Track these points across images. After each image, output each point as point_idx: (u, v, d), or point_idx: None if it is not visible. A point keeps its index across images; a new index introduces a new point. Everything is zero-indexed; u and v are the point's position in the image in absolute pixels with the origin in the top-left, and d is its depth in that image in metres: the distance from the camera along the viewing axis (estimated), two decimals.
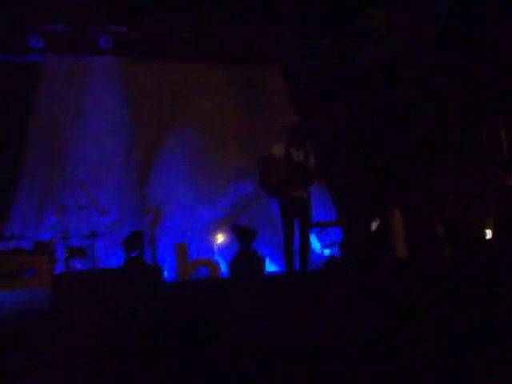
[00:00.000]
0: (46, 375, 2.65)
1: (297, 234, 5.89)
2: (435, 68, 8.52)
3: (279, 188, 5.72)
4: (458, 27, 8.10)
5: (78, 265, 7.62)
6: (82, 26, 8.59)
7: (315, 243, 8.53)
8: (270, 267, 8.60)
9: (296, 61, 9.76)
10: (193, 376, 2.77)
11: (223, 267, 8.33)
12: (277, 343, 3.65)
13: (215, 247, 8.94)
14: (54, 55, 8.81)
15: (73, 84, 8.84)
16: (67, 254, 7.42)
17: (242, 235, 8.29)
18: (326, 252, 8.30)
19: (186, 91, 9.26)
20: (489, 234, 7.95)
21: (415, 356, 2.97)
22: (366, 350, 3.29)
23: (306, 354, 3.59)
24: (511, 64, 7.65)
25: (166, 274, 7.93)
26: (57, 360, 2.99)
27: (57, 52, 8.80)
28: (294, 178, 5.72)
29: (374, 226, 7.77)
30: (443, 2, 7.99)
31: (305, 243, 5.83)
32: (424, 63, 8.65)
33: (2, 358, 3.02)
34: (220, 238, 9.01)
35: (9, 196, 8.20)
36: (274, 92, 9.63)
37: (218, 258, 8.64)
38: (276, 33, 9.17)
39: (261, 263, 7.94)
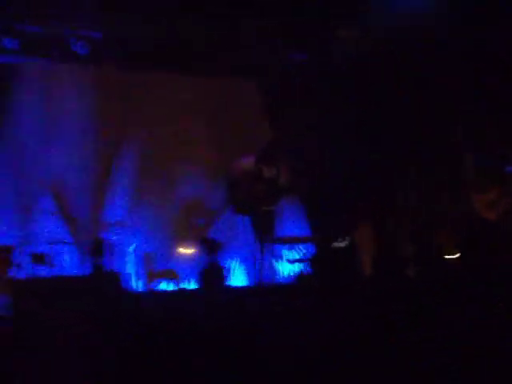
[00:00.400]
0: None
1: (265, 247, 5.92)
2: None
3: (247, 203, 5.75)
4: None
5: (41, 271, 7.48)
6: (58, 28, 8.51)
7: (284, 258, 8.53)
8: (236, 279, 8.58)
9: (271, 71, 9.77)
10: None
11: (189, 278, 8.27)
12: (243, 354, 3.64)
13: (181, 258, 8.88)
14: (27, 58, 8.69)
15: (45, 89, 8.74)
16: (31, 260, 7.27)
17: (208, 247, 8.29)
18: (295, 267, 8.29)
19: (156, 103, 9.20)
20: (454, 255, 8.04)
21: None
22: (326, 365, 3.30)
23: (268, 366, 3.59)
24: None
25: (130, 283, 7.87)
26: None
27: (31, 54, 8.68)
28: (263, 193, 5.75)
29: (342, 242, 7.82)
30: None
31: (269, 257, 5.87)
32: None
33: None
34: (187, 249, 8.96)
35: None
36: (248, 106, 9.64)
37: (183, 269, 8.58)
38: (249, 44, 9.18)
39: (227, 275, 7.94)
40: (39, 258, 7.52)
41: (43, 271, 7.57)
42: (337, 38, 9.05)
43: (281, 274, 7.90)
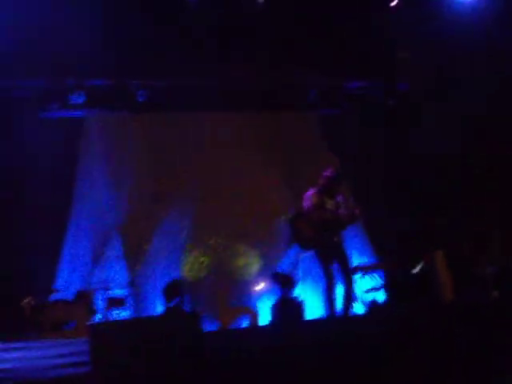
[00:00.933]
0: None
1: (338, 278, 5.89)
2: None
3: (314, 239, 5.82)
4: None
5: (117, 315, 7.61)
6: (120, 79, 8.83)
7: (357, 288, 8.35)
8: (311, 314, 8.44)
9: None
10: None
11: (263, 315, 8.20)
12: None
13: (255, 294, 8.85)
14: (92, 110, 9.05)
15: (109, 139, 9.05)
16: (107, 305, 7.41)
17: (282, 282, 8.21)
18: (369, 297, 8.09)
19: (216, 144, 9.30)
20: None
21: None
22: None
23: None
24: None
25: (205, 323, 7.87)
26: None
27: (95, 106, 9.04)
28: (329, 225, 5.81)
29: (417, 268, 7.58)
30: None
31: (349, 287, 5.82)
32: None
33: None
34: (260, 285, 8.92)
35: (56, 251, 8.32)
36: (309, 138, 9.66)
37: (257, 305, 8.53)
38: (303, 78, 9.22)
39: (301, 309, 7.82)
40: (116, 303, 7.66)
41: (119, 315, 7.71)
42: (400, 62, 8.99)
43: (356, 303, 7.73)
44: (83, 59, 7.95)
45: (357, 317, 6.31)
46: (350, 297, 5.87)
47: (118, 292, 7.81)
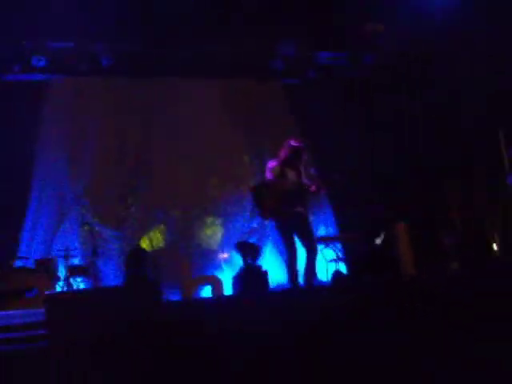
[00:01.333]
0: None
1: (301, 249, 5.92)
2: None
3: (277, 209, 5.82)
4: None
5: (79, 284, 7.54)
6: (85, 43, 8.58)
7: (320, 258, 8.43)
8: (275, 283, 8.52)
9: (297, 74, 9.71)
10: None
11: (227, 284, 8.23)
12: (283, 358, 3.58)
13: (220, 263, 8.87)
14: (55, 75, 8.80)
15: (72, 104, 8.84)
16: (68, 273, 7.33)
17: (246, 251, 8.23)
18: (331, 267, 8.18)
19: (182, 107, 9.23)
20: (495, 247, 7.84)
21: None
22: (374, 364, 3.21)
23: (312, 368, 3.52)
24: None
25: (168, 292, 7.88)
26: None
27: (59, 71, 8.79)
28: (290, 196, 5.82)
29: (379, 240, 7.68)
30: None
31: (311, 258, 5.86)
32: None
33: None
34: (224, 254, 8.95)
35: (19, 218, 8.18)
36: (274, 108, 9.64)
37: (221, 273, 8.56)
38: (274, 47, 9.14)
39: (265, 279, 7.87)
40: (78, 271, 7.58)
41: (82, 283, 7.65)
42: (368, 34, 8.95)
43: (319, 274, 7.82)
44: (44, 21, 7.67)
45: (318, 288, 6.37)
46: (312, 268, 5.90)
47: (79, 260, 7.71)
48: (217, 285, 8.06)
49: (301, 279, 5.97)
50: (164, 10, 7.79)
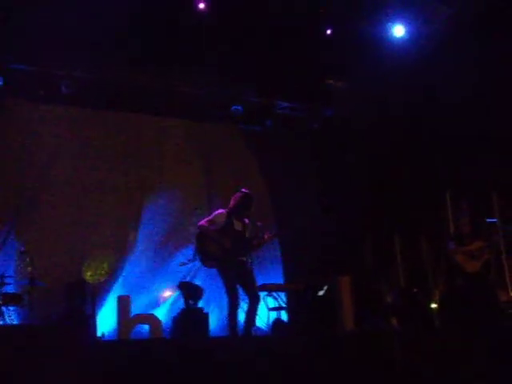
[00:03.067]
0: None
1: (244, 297, 5.92)
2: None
3: (217, 256, 5.86)
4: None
5: (11, 313, 7.23)
6: (46, 67, 8.49)
7: (261, 306, 8.39)
8: (215, 326, 8.41)
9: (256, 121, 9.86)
10: None
11: (166, 325, 8.07)
12: None
13: (160, 302, 8.71)
14: (12, 97, 8.65)
15: (29, 128, 8.68)
16: (2, 300, 7.02)
17: (187, 292, 8.12)
18: (272, 316, 8.15)
19: (142, 146, 9.26)
20: (434, 306, 7.99)
21: None
22: None
23: None
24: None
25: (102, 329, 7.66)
26: None
27: (16, 92, 8.64)
28: (234, 244, 5.87)
29: (322, 292, 7.73)
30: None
31: (253, 308, 5.86)
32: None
33: None
34: (166, 293, 8.80)
35: None
36: (226, 153, 9.75)
37: (160, 314, 8.39)
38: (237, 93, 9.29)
39: (205, 321, 7.77)
40: (12, 299, 7.28)
41: (15, 312, 7.36)
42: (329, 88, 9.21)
43: (259, 322, 7.77)
44: (5, 42, 7.59)
45: (257, 337, 6.33)
46: (253, 316, 5.89)
47: (14, 288, 7.42)
48: (155, 325, 7.89)
49: (240, 327, 5.94)
50: (131, 43, 7.83)
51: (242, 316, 5.95)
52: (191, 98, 9.24)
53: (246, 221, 6.17)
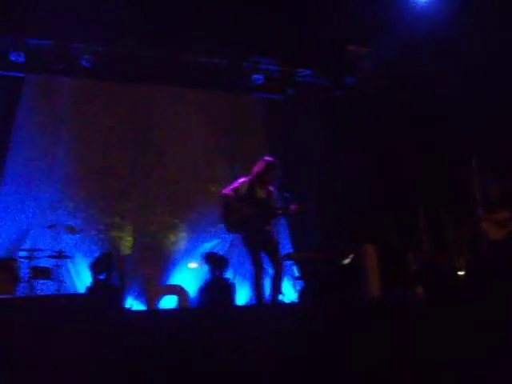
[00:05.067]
0: None
1: (268, 266, 5.92)
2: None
3: (241, 223, 5.84)
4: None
5: (43, 286, 7.38)
6: (65, 42, 8.50)
7: (287, 275, 8.42)
8: (242, 296, 8.48)
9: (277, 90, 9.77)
10: None
11: (193, 295, 8.16)
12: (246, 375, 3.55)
13: (187, 274, 8.80)
14: (33, 73, 8.70)
15: (53, 105, 8.74)
16: (30, 275, 7.17)
17: (213, 262, 8.19)
18: (299, 285, 8.18)
19: (158, 115, 9.27)
20: (461, 274, 7.93)
21: None
22: None
23: None
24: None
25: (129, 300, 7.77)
26: None
27: (37, 68, 8.68)
28: (256, 213, 5.84)
29: (348, 260, 7.71)
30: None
31: (278, 276, 5.86)
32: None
33: None
34: (193, 264, 8.88)
35: None
36: (246, 123, 9.71)
37: (188, 285, 8.48)
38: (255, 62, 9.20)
39: (231, 292, 7.84)
40: (41, 273, 7.43)
41: (45, 286, 7.50)
42: (351, 55, 9.05)
43: (285, 291, 7.81)
44: (27, 17, 7.58)
45: (283, 306, 6.35)
46: (278, 286, 5.90)
47: (44, 262, 7.56)
48: (182, 295, 7.99)
49: (266, 295, 5.95)
50: (148, 16, 7.77)
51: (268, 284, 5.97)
52: (212, 68, 9.18)
53: (271, 188, 6.11)
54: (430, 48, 8.17)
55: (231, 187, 6.07)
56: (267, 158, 6.18)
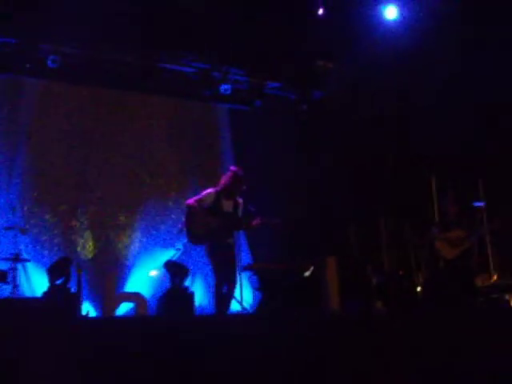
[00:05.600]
0: None
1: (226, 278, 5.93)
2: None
3: (204, 235, 5.84)
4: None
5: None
6: (33, 41, 8.36)
7: (246, 286, 8.42)
8: (200, 305, 8.43)
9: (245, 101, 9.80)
10: None
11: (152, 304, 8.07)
12: None
13: (147, 281, 8.72)
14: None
15: (13, 103, 8.58)
16: None
17: (174, 271, 8.12)
18: (256, 296, 8.18)
19: (123, 120, 9.25)
20: (419, 289, 8.06)
21: None
22: None
23: None
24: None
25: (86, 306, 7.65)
26: None
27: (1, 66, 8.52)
28: (221, 226, 5.84)
29: (308, 273, 7.75)
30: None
31: (230, 290, 5.88)
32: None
33: None
34: (153, 272, 8.80)
35: None
36: (212, 132, 9.74)
37: (147, 293, 8.39)
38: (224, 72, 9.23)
39: (191, 300, 7.77)
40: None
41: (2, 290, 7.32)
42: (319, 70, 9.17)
43: (241, 301, 7.82)
44: None
45: (239, 315, 6.36)
46: (227, 303, 5.92)
47: (0, 265, 7.38)
48: (141, 303, 7.89)
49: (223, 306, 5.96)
50: (118, 20, 7.72)
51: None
52: (179, 76, 9.17)
53: (239, 200, 6.10)
54: (395, 64, 8.33)
55: (196, 198, 6.05)
56: (234, 169, 6.18)
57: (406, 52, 8.15)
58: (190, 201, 6.03)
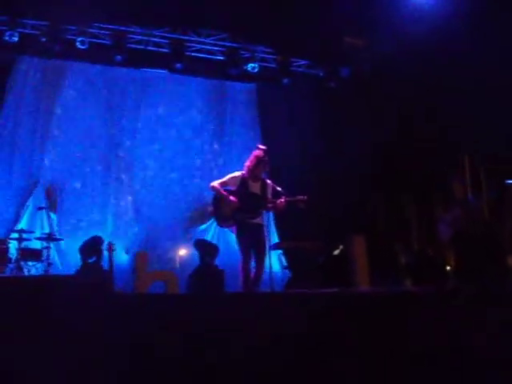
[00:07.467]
0: None
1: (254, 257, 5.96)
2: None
3: (230, 217, 5.84)
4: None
5: (30, 268, 7.37)
6: (61, 24, 8.42)
7: (275, 264, 8.44)
8: (231, 283, 8.49)
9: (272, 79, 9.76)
10: None
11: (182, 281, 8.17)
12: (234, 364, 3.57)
13: (177, 259, 8.81)
14: (26, 55, 8.63)
15: (44, 88, 8.68)
16: (19, 256, 7.16)
17: (204, 249, 8.20)
18: (286, 274, 8.22)
19: (153, 99, 9.29)
20: (448, 268, 7.98)
21: None
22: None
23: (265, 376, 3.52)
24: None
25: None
26: None
27: (30, 49, 8.61)
28: (246, 207, 5.82)
29: (337, 251, 7.75)
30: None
31: (259, 270, 5.90)
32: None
33: None
34: (183, 251, 8.89)
35: None
36: (243, 113, 9.71)
37: (178, 271, 8.49)
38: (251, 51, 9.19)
39: (221, 279, 7.85)
40: (31, 254, 7.42)
41: (34, 267, 7.49)
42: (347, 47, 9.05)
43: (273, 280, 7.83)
44: None
45: (274, 293, 6.38)
46: (259, 277, 5.94)
47: (35, 244, 7.55)
48: (172, 281, 8.00)
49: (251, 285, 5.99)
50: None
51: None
52: (209, 54, 9.17)
53: (268, 181, 6.06)
54: (427, 45, 8.16)
55: (220, 181, 6.04)
56: (258, 150, 6.12)
57: (433, 26, 7.96)
58: (214, 183, 6.03)
